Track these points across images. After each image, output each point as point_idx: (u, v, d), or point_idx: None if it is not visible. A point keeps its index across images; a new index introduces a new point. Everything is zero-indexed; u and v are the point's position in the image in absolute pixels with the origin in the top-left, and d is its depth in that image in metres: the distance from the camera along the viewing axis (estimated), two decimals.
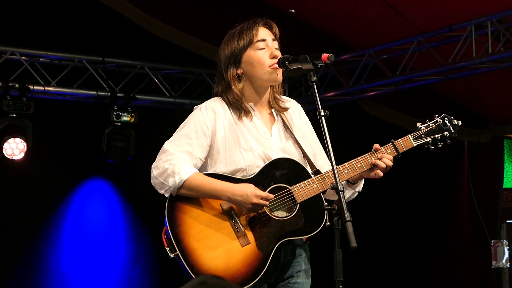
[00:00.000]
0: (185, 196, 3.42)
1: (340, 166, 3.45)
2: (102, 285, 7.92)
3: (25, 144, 7.29)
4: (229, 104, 3.54)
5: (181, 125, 3.55)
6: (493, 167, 8.69)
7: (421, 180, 8.63)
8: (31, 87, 7.32)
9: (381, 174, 3.50)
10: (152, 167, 3.48)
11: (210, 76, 7.88)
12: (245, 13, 7.14)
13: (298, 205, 3.44)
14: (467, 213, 8.63)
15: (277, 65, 3.48)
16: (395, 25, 7.29)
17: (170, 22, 7.38)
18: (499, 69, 6.89)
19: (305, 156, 3.57)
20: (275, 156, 3.49)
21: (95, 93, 7.63)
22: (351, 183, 3.57)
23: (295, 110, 3.68)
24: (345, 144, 5.85)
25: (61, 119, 7.74)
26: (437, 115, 3.61)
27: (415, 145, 3.56)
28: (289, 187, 3.45)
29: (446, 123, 3.60)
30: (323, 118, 3.20)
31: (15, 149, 7.30)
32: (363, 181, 3.61)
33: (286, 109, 3.63)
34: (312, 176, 3.47)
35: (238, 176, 3.46)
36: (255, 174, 3.46)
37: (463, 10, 6.73)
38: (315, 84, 3.28)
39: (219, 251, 3.38)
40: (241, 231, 3.41)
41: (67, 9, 7.43)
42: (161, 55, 7.94)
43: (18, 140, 7.29)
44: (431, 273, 8.81)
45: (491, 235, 8.27)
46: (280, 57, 3.50)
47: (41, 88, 7.40)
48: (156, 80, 7.95)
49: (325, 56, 3.26)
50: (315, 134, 3.68)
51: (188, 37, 7.48)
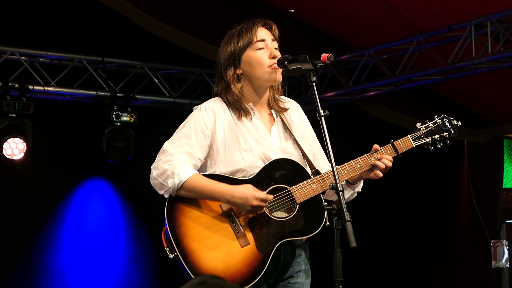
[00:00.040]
0: (185, 197, 3.42)
1: (339, 166, 3.44)
2: (102, 285, 7.92)
3: (25, 144, 7.29)
4: (229, 104, 3.54)
5: (181, 125, 3.55)
6: (493, 167, 8.69)
7: (421, 180, 8.62)
8: (31, 87, 7.32)
9: (381, 174, 3.50)
10: (151, 167, 3.47)
11: (210, 76, 7.88)
12: (245, 13, 7.14)
13: (297, 205, 3.43)
14: (467, 213, 8.63)
15: (276, 65, 3.48)
16: (395, 25, 7.29)
17: (170, 22, 7.38)
18: (498, 69, 6.89)
19: (304, 156, 3.56)
20: (274, 156, 3.49)
21: (95, 93, 7.63)
22: (350, 183, 3.56)
23: (294, 110, 3.67)
24: (345, 144, 5.86)
25: (61, 119, 7.74)
26: (436, 116, 3.61)
27: (414, 146, 3.56)
28: (288, 187, 3.44)
29: (445, 124, 3.60)
30: (323, 118, 3.20)
31: (14, 149, 7.30)
32: (362, 182, 3.60)
33: (285, 110, 3.62)
34: (311, 176, 3.47)
35: (237, 176, 3.46)
36: (255, 174, 3.45)
37: (463, 10, 6.73)
38: (314, 84, 3.28)
39: (218, 252, 3.37)
40: (240, 232, 3.40)
41: (67, 9, 7.42)
42: (161, 55, 7.93)
43: (18, 140, 7.29)
44: (431, 273, 8.81)
45: (491, 235, 8.27)
46: (279, 57, 3.49)
47: (41, 88, 7.39)
48: (155, 80, 7.95)
49: (324, 56, 3.25)
50: (315, 134, 3.67)
51: (188, 37, 7.47)
